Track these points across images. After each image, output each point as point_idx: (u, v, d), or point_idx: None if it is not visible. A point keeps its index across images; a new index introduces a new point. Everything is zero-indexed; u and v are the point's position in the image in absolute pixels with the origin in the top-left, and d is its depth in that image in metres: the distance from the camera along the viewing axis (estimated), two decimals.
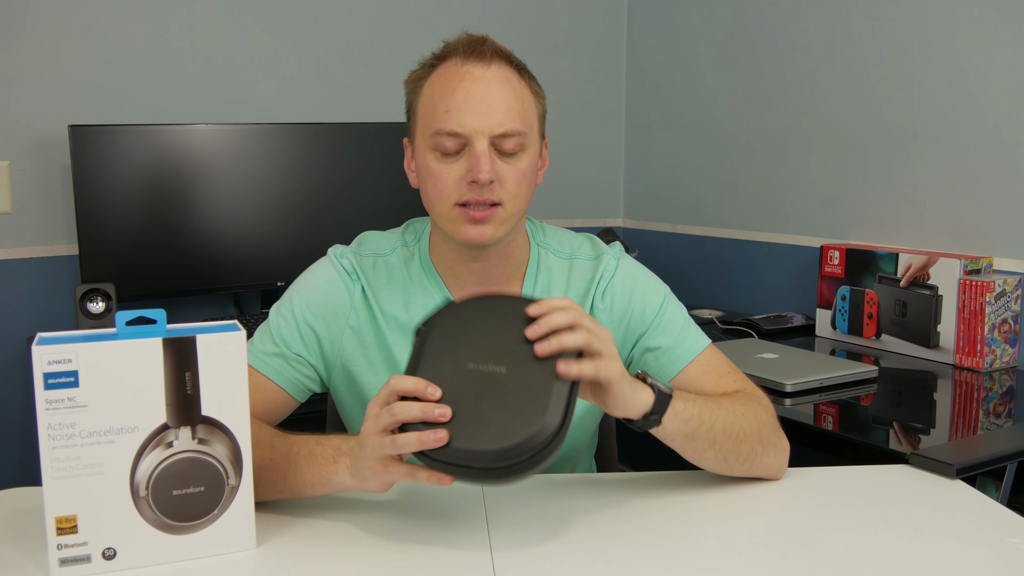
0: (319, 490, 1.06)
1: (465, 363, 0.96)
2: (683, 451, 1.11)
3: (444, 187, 1.12)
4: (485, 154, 1.11)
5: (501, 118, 1.11)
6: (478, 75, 1.12)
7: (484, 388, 0.95)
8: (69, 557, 0.91)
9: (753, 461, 1.14)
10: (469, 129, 1.10)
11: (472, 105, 1.10)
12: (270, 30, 2.53)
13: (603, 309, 1.24)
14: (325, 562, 0.97)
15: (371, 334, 1.21)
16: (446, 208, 1.13)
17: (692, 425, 1.08)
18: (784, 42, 2.57)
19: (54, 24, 2.26)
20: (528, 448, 0.92)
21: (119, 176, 2.18)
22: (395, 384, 0.95)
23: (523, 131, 1.13)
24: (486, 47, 1.14)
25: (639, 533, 1.03)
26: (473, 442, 0.92)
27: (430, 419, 0.92)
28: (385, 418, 0.94)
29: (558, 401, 0.94)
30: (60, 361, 0.89)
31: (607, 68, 3.10)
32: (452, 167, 1.12)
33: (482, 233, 1.13)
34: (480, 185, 1.10)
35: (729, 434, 1.11)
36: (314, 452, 1.05)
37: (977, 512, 1.12)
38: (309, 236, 2.40)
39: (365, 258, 1.24)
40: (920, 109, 2.22)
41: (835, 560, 0.97)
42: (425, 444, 0.92)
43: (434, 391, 0.94)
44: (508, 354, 0.96)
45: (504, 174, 1.12)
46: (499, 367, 0.96)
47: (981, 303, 1.98)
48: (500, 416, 0.93)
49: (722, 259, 2.78)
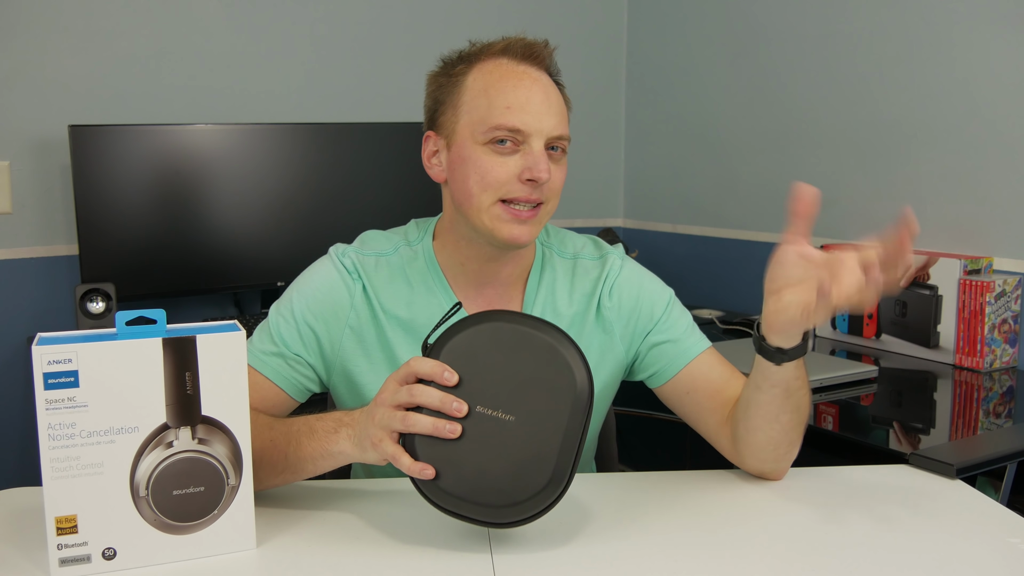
0: (319, 464, 1.06)
1: (474, 405, 0.96)
2: (771, 404, 1.11)
3: (494, 180, 1.13)
4: (543, 154, 1.13)
5: (557, 121, 1.15)
6: (536, 76, 1.16)
7: (490, 437, 0.95)
8: (69, 557, 0.91)
9: (793, 447, 1.17)
10: (531, 128, 1.12)
11: (534, 105, 1.13)
12: (270, 30, 2.53)
13: (610, 308, 1.25)
14: (325, 562, 0.97)
15: (372, 333, 1.21)
16: (488, 202, 1.13)
17: (797, 384, 1.10)
18: (784, 42, 2.57)
19: (54, 24, 2.26)
20: (528, 509, 0.95)
21: (119, 176, 2.18)
22: (415, 365, 0.96)
23: (569, 137, 1.17)
24: (545, 52, 1.18)
25: (639, 533, 1.03)
26: (474, 495, 0.94)
27: (447, 411, 0.94)
28: (404, 395, 0.96)
29: (563, 463, 0.95)
30: (60, 361, 0.89)
31: (607, 68, 3.10)
32: (506, 161, 1.13)
33: (524, 233, 1.14)
34: (538, 184, 1.12)
35: (803, 411, 1.14)
36: (314, 427, 1.06)
37: (977, 512, 1.12)
38: (309, 236, 2.39)
39: (367, 257, 1.23)
40: (920, 109, 2.22)
41: (835, 560, 0.97)
42: (439, 430, 0.94)
43: (451, 376, 0.95)
44: (518, 402, 0.96)
45: (553, 175, 1.15)
46: (508, 415, 0.95)
47: (981, 303, 1.98)
48: (504, 469, 0.94)
49: (722, 259, 2.78)
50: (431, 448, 0.95)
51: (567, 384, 0.96)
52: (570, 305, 1.25)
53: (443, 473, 0.94)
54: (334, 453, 1.04)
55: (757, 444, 1.16)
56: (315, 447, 1.05)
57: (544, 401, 0.96)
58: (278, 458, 1.07)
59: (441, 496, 0.95)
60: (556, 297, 1.25)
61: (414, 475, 0.95)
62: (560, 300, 1.25)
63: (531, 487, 0.94)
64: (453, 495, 0.95)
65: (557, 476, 0.95)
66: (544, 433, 0.95)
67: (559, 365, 0.97)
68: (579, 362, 0.97)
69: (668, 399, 1.26)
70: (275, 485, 1.10)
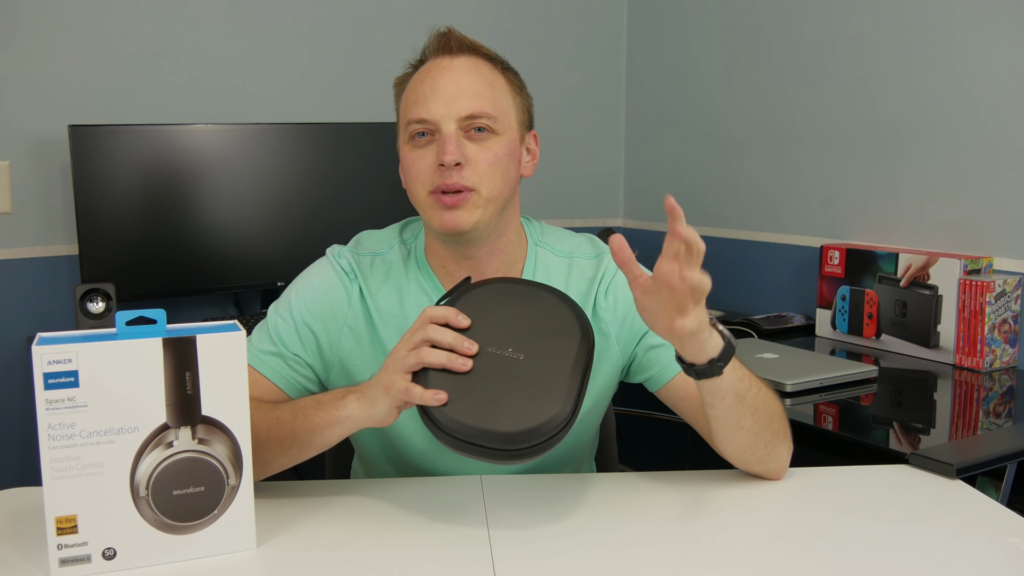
0: (327, 434, 1.07)
1: (485, 346, 1.00)
2: (727, 414, 1.09)
3: (419, 174, 1.14)
4: (452, 137, 1.12)
5: (466, 101, 1.13)
6: (445, 65, 1.16)
7: (501, 372, 0.99)
8: (69, 557, 0.91)
9: (774, 446, 1.15)
10: (435, 115, 1.13)
11: (439, 92, 1.14)
12: (270, 30, 2.53)
13: (606, 308, 1.24)
14: (325, 562, 0.97)
15: (367, 332, 1.22)
16: (423, 195, 1.15)
17: (744, 385, 1.08)
18: (784, 42, 2.57)
19: (54, 24, 2.26)
20: (539, 434, 0.97)
21: (119, 176, 2.18)
22: (428, 312, 1.02)
23: (491, 114, 1.14)
24: (450, 38, 1.18)
25: (639, 533, 1.03)
26: (486, 422, 0.96)
27: (458, 349, 0.99)
28: (419, 335, 1.00)
29: (571, 392, 0.99)
30: (60, 361, 0.89)
31: (607, 68, 3.10)
32: (424, 153, 1.14)
33: (456, 218, 1.13)
34: (448, 168, 1.11)
35: (767, 407, 1.12)
36: (320, 399, 1.08)
37: (977, 512, 1.12)
38: (309, 236, 2.40)
39: (363, 257, 1.24)
40: (920, 109, 2.22)
41: (835, 560, 0.97)
42: (452, 361, 0.98)
43: (463, 319, 1.01)
44: (526, 342, 1.01)
45: (474, 157, 1.13)
46: (517, 354, 1.00)
47: (981, 303, 1.98)
48: (515, 400, 0.97)
49: (722, 259, 2.78)
50: (443, 381, 0.98)
51: (572, 329, 1.03)
52: None
53: (455, 400, 0.97)
54: (341, 419, 1.05)
55: (732, 454, 1.16)
56: (322, 416, 1.07)
57: (550, 341, 1.02)
58: (285, 434, 1.08)
59: (452, 424, 0.96)
60: None
61: (427, 402, 0.97)
62: None
63: (542, 414, 0.97)
64: (465, 423, 0.96)
65: (567, 401, 0.98)
66: (553, 367, 1.00)
67: (562, 313, 1.05)
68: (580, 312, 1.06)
69: (666, 401, 1.26)
70: (283, 465, 1.11)
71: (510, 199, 1.19)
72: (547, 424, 0.97)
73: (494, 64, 1.19)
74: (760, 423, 1.11)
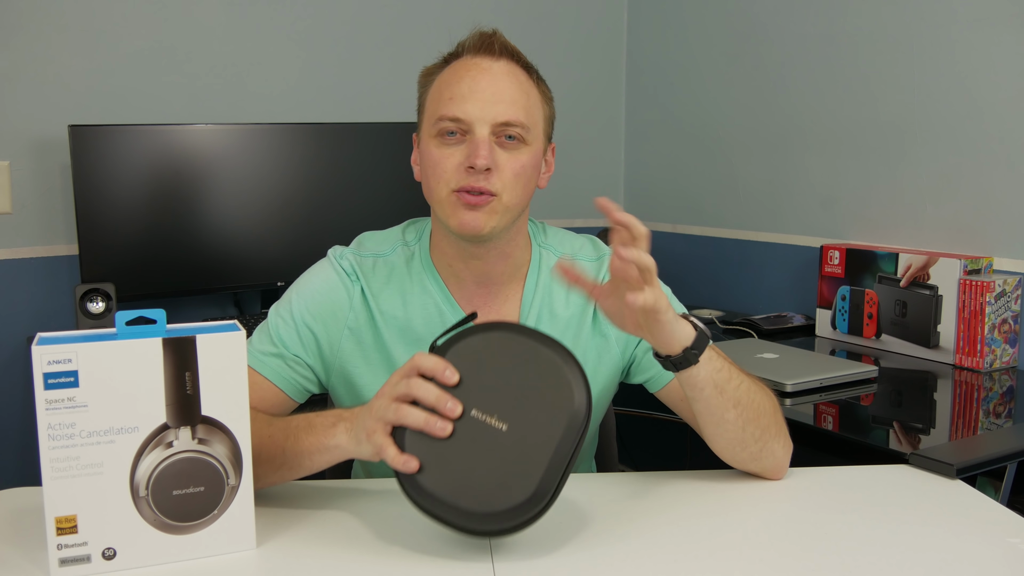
0: (316, 459, 1.06)
1: (469, 408, 0.95)
2: (708, 406, 1.09)
3: (444, 172, 1.13)
4: (485, 141, 1.12)
5: (504, 108, 1.13)
6: (485, 67, 1.14)
7: (480, 442, 0.95)
8: (69, 557, 0.91)
9: (765, 442, 1.14)
10: (471, 116, 1.12)
11: (477, 93, 1.12)
12: (270, 30, 2.53)
13: None
14: (325, 562, 0.97)
15: (369, 335, 1.21)
16: (444, 193, 1.14)
17: (723, 376, 1.08)
18: (784, 42, 2.57)
19: (54, 24, 2.26)
20: (503, 519, 0.93)
21: (119, 176, 2.18)
22: (418, 360, 0.97)
23: (525, 124, 1.14)
24: (495, 41, 1.16)
25: (639, 533, 1.03)
26: (455, 496, 0.93)
27: (440, 409, 0.95)
28: (402, 388, 0.96)
29: (547, 479, 0.94)
30: (60, 361, 0.89)
31: (607, 68, 3.10)
32: (453, 152, 1.13)
33: (476, 220, 1.12)
34: (477, 171, 1.11)
35: (752, 401, 1.11)
36: (313, 422, 1.06)
37: (977, 512, 1.12)
38: (309, 236, 2.39)
39: (365, 259, 1.24)
40: (920, 109, 2.22)
41: (835, 560, 0.97)
42: (430, 426, 0.94)
43: (452, 375, 0.96)
44: (514, 410, 0.95)
45: (503, 164, 1.13)
46: (501, 423, 0.95)
47: (981, 303, 1.98)
48: (488, 477, 0.94)
49: (722, 259, 2.78)
50: (420, 444, 0.95)
51: (565, 402, 0.96)
52: (567, 307, 1.24)
53: (427, 469, 0.94)
54: (330, 447, 1.04)
55: (723, 450, 1.15)
56: (312, 441, 1.05)
57: (540, 415, 0.95)
58: (276, 453, 1.07)
59: (420, 493, 0.94)
60: (553, 298, 1.24)
61: (397, 467, 0.95)
62: (557, 302, 1.24)
63: (511, 499, 0.93)
64: (433, 494, 0.94)
65: (539, 493, 0.93)
66: (534, 447, 0.94)
67: (560, 383, 0.97)
68: (581, 384, 0.97)
69: (667, 403, 1.26)
70: (274, 482, 1.10)
71: (525, 208, 1.19)
72: (513, 511, 0.93)
73: (530, 73, 1.19)
74: (745, 416, 1.11)
